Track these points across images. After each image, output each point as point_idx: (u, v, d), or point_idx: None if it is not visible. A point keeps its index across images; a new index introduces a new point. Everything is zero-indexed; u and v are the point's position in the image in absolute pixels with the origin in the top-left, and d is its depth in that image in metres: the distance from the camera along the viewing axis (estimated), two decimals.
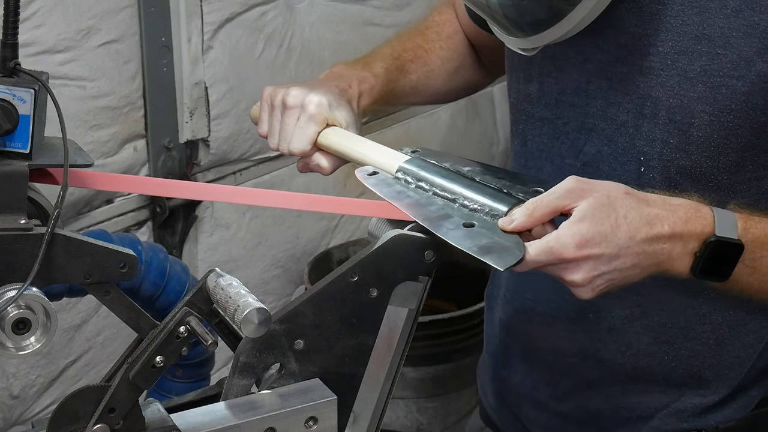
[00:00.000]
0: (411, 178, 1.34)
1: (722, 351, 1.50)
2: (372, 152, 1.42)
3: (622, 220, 1.21)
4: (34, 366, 2.21)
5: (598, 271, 1.21)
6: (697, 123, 1.36)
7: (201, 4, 2.33)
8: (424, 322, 2.54)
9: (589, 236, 1.19)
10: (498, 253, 1.16)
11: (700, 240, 1.25)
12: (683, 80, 1.36)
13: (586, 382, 1.57)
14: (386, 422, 1.92)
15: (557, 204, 1.21)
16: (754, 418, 1.54)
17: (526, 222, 1.20)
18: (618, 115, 1.42)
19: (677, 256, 1.25)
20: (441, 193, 1.30)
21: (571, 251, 1.18)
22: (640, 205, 1.23)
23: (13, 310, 1.06)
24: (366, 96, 1.58)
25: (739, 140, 1.36)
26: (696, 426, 1.53)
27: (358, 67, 1.62)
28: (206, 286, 1.16)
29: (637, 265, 1.23)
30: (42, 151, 1.15)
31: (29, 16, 2.00)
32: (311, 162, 1.52)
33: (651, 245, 1.23)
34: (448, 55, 1.73)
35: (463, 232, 1.21)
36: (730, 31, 1.33)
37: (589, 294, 1.23)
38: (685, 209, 1.26)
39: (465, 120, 3.24)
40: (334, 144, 1.48)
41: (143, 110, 2.31)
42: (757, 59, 1.32)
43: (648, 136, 1.40)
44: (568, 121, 1.48)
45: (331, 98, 1.50)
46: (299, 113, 1.49)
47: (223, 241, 2.55)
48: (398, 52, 1.68)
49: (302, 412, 1.15)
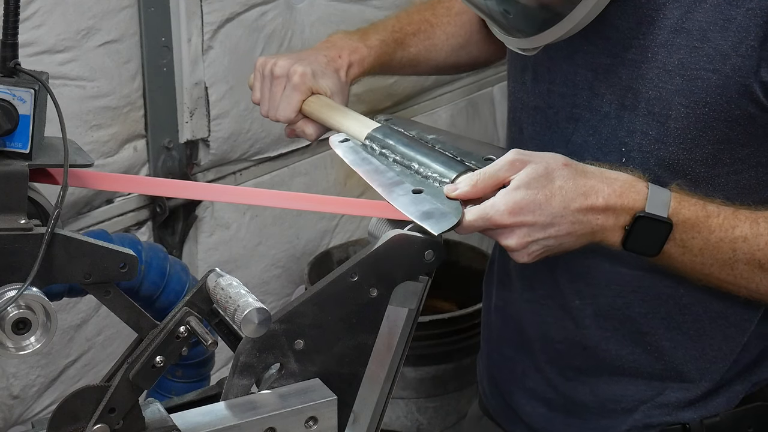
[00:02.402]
0: (376, 145, 1.43)
1: (704, 344, 1.52)
2: (346, 120, 1.52)
3: (557, 190, 1.27)
4: (34, 366, 2.21)
5: (531, 238, 1.27)
6: (674, 115, 1.39)
7: (201, 4, 2.33)
8: (424, 322, 2.54)
9: (523, 204, 1.25)
10: (436, 219, 1.24)
11: (631, 214, 1.30)
12: (662, 72, 1.39)
13: (572, 369, 1.59)
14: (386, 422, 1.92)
15: (498, 175, 1.27)
16: (739, 413, 1.55)
17: (469, 192, 1.27)
18: (602, 106, 1.45)
19: (610, 228, 1.30)
20: (400, 160, 1.39)
21: (504, 217, 1.25)
22: (577, 176, 1.29)
23: (13, 310, 1.06)
24: (356, 66, 1.64)
25: (715, 133, 1.38)
26: (680, 419, 1.55)
27: (354, 38, 1.68)
28: (206, 286, 1.16)
29: (571, 233, 1.29)
30: (42, 151, 1.15)
31: (29, 16, 2.00)
32: (297, 129, 1.61)
33: (585, 215, 1.28)
34: (454, 31, 1.77)
35: (411, 198, 1.29)
36: (708, 25, 1.35)
37: (525, 258, 1.30)
38: (620, 183, 1.31)
39: (465, 120, 3.24)
40: (316, 112, 1.57)
41: (143, 110, 2.30)
42: (733, 53, 1.34)
43: (629, 127, 1.43)
44: (558, 111, 1.51)
45: (316, 68, 1.58)
46: (285, 83, 1.58)
47: (223, 241, 2.55)
48: (401, 24, 1.74)
49: (302, 412, 1.15)
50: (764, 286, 1.37)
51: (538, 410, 1.65)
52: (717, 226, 1.33)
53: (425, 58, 1.76)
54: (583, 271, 1.52)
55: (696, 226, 1.33)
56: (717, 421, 1.54)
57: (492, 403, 1.76)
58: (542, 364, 1.63)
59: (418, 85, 3.00)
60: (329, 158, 2.79)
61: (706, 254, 1.34)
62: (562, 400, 1.62)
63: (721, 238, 1.33)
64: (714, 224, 1.33)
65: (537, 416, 1.65)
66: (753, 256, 1.34)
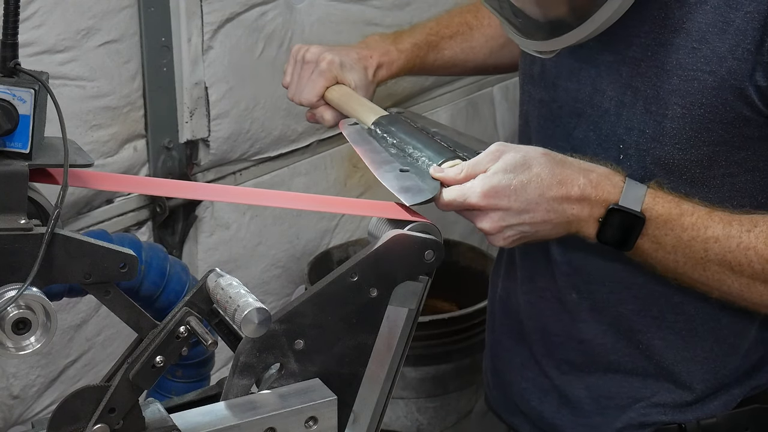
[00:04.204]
0: (380, 130, 1.50)
1: (695, 345, 1.52)
2: (360, 108, 1.59)
3: (534, 177, 1.30)
4: (34, 366, 2.21)
5: (506, 222, 1.31)
6: (670, 114, 1.40)
7: (201, 4, 2.33)
8: (424, 322, 2.54)
9: (499, 188, 1.29)
10: (412, 193, 1.30)
11: (604, 206, 1.32)
12: (660, 72, 1.40)
13: (567, 363, 1.60)
14: (386, 422, 1.92)
15: (480, 166, 1.32)
16: (736, 415, 1.56)
17: (453, 178, 1.32)
18: (602, 103, 1.46)
19: (585, 218, 1.33)
20: (397, 143, 1.45)
21: (478, 199, 1.29)
22: (554, 165, 1.32)
23: (13, 310, 1.06)
24: (385, 69, 1.71)
25: (711, 134, 1.39)
26: (676, 420, 1.56)
27: (387, 41, 1.74)
28: (206, 286, 1.16)
29: (547, 221, 1.32)
30: (42, 151, 1.15)
31: (29, 16, 2.00)
32: (317, 114, 1.67)
33: (560, 204, 1.31)
34: (493, 33, 1.80)
35: (396, 174, 1.36)
36: (707, 27, 1.36)
37: (500, 242, 1.34)
38: (597, 174, 1.33)
39: (465, 120, 3.24)
40: (336, 99, 1.64)
41: (143, 110, 2.30)
42: (729, 56, 1.35)
43: (627, 124, 1.44)
44: (562, 105, 1.52)
45: (345, 60, 1.66)
46: (313, 68, 1.65)
47: (223, 241, 2.55)
48: (439, 27, 1.79)
49: (302, 412, 1.15)
50: (735, 289, 1.37)
51: (535, 403, 1.66)
52: (690, 225, 1.34)
53: (462, 60, 1.80)
54: (581, 265, 1.53)
55: (669, 223, 1.34)
56: (714, 423, 1.54)
57: (494, 394, 1.77)
58: (539, 357, 1.64)
59: (418, 85, 2.99)
60: (329, 158, 2.79)
61: (679, 252, 1.35)
62: (558, 393, 1.63)
63: (693, 237, 1.34)
64: (687, 223, 1.34)
65: (534, 409, 1.66)
66: (724, 257, 1.35)
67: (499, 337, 1.73)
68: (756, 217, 1.36)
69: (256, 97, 2.49)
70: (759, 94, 1.35)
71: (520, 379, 1.68)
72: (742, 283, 1.36)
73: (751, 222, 1.35)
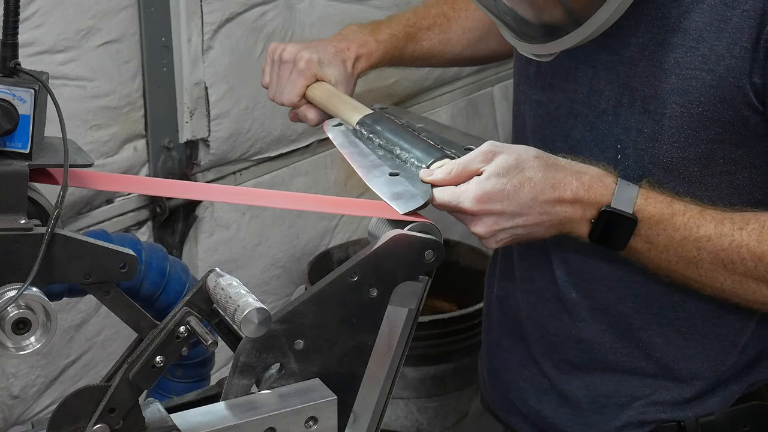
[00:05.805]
0: (365, 130, 1.48)
1: (696, 342, 1.52)
2: (343, 106, 1.57)
3: (527, 181, 1.30)
4: (34, 366, 2.21)
5: (499, 226, 1.31)
6: (668, 114, 1.40)
7: (201, 4, 2.33)
8: (424, 322, 2.54)
9: (492, 193, 1.29)
10: (404, 199, 1.29)
11: (597, 208, 1.33)
12: (658, 71, 1.40)
13: (566, 363, 1.60)
14: (386, 422, 1.92)
15: (471, 166, 1.31)
16: (734, 412, 1.56)
17: (443, 179, 1.32)
18: (600, 103, 1.46)
19: (577, 220, 1.34)
20: (384, 144, 1.44)
21: (471, 204, 1.29)
22: (547, 168, 1.32)
23: (13, 310, 1.06)
24: (363, 60, 1.69)
25: (709, 133, 1.39)
26: (675, 417, 1.55)
27: (365, 32, 1.72)
28: (206, 286, 1.16)
29: (540, 223, 1.33)
30: (42, 151, 1.15)
31: (29, 16, 2.00)
32: (300, 113, 1.67)
33: (553, 207, 1.32)
34: (471, 25, 1.79)
35: (386, 179, 1.35)
36: (704, 26, 1.36)
37: (493, 244, 1.35)
38: (589, 176, 1.34)
39: (465, 120, 3.24)
40: (318, 98, 1.63)
41: (143, 110, 2.30)
42: (727, 54, 1.35)
43: (624, 124, 1.44)
44: (558, 105, 1.52)
45: (323, 56, 1.64)
46: (291, 68, 1.65)
47: (223, 241, 2.55)
48: (417, 18, 1.77)
49: (302, 412, 1.15)
50: (728, 286, 1.38)
51: (534, 402, 1.66)
52: (682, 225, 1.35)
53: (439, 51, 1.79)
54: (580, 264, 1.53)
55: (661, 223, 1.35)
56: (712, 420, 1.55)
57: (492, 395, 1.77)
58: (537, 356, 1.64)
59: (418, 85, 3.00)
60: (329, 158, 2.79)
61: (671, 251, 1.36)
62: (557, 392, 1.63)
63: (685, 236, 1.35)
64: (679, 222, 1.35)
65: (533, 408, 1.66)
66: (717, 255, 1.35)
67: (497, 337, 1.73)
68: (748, 215, 1.37)
69: (256, 97, 2.49)
70: (756, 92, 1.35)
71: (518, 379, 1.68)
72: (735, 281, 1.37)
73: (743, 220, 1.36)
